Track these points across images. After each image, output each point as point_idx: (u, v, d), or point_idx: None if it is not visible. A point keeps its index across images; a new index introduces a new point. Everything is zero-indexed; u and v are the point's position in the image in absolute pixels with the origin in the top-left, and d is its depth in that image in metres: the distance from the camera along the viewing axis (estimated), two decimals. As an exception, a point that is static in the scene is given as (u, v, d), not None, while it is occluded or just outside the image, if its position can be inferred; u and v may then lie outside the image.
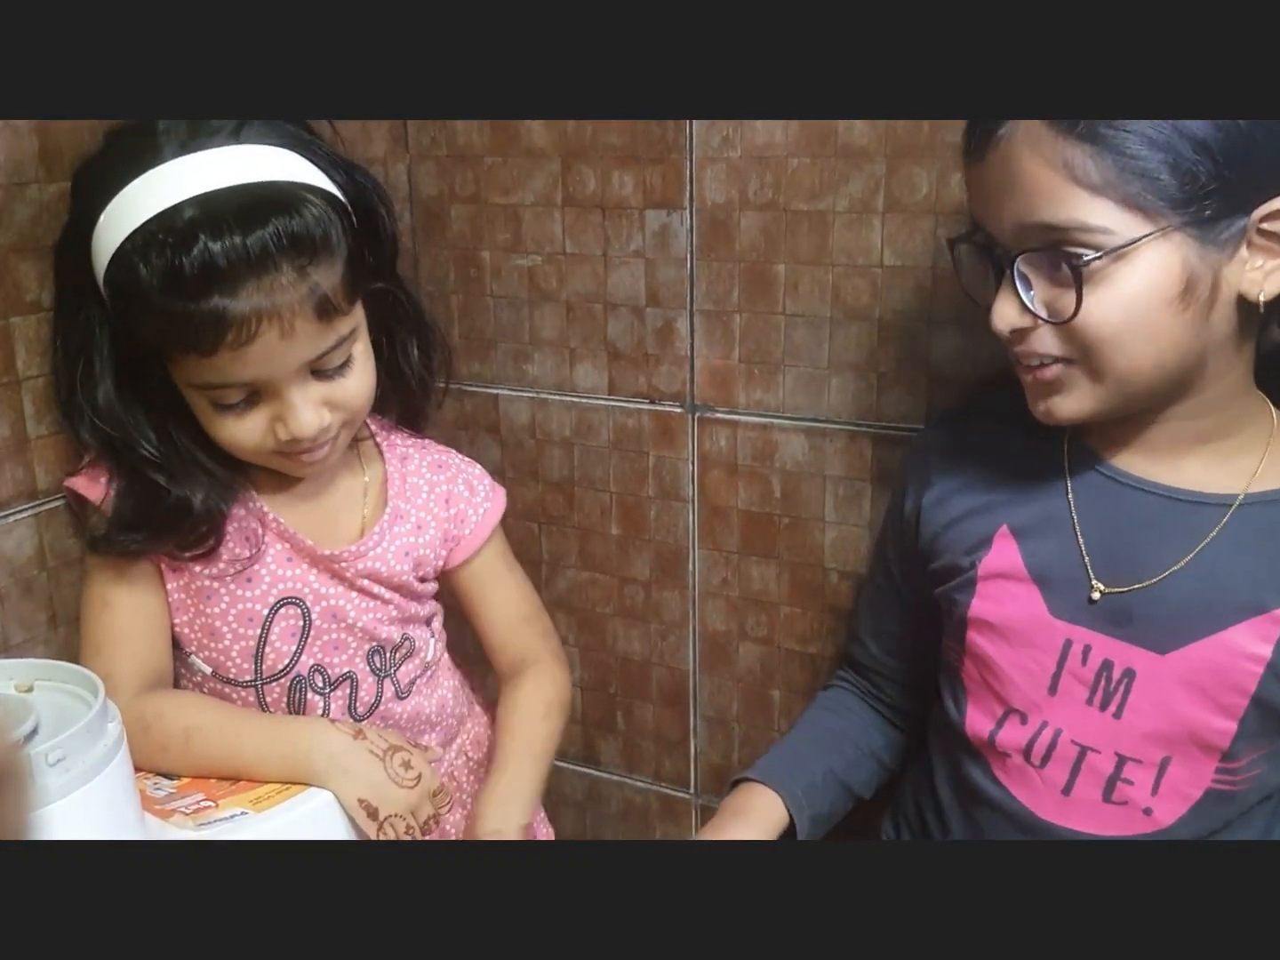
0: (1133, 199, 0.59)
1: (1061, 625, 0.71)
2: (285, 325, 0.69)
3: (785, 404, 0.93)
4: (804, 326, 0.91)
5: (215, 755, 0.75)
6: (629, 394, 0.99)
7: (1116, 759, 0.70)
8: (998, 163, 0.63)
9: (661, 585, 1.03)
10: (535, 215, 0.98)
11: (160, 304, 0.68)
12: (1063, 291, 0.63)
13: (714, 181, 0.90)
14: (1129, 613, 0.69)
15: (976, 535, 0.74)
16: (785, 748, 0.86)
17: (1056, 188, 0.60)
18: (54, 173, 0.77)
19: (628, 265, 0.96)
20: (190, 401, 0.75)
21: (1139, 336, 0.62)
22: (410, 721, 0.87)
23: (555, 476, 1.05)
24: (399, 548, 0.84)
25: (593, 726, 1.11)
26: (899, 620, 0.85)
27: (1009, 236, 0.64)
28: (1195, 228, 0.60)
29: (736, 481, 0.97)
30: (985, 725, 0.74)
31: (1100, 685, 0.70)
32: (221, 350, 0.68)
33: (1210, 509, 0.68)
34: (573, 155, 0.95)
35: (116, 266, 0.70)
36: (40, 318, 0.78)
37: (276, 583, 0.80)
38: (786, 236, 0.89)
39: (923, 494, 0.78)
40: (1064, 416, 0.67)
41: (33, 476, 0.79)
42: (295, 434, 0.73)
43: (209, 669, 0.81)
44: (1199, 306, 0.62)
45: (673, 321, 0.96)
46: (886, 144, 0.83)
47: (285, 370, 0.72)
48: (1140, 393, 0.66)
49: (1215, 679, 0.67)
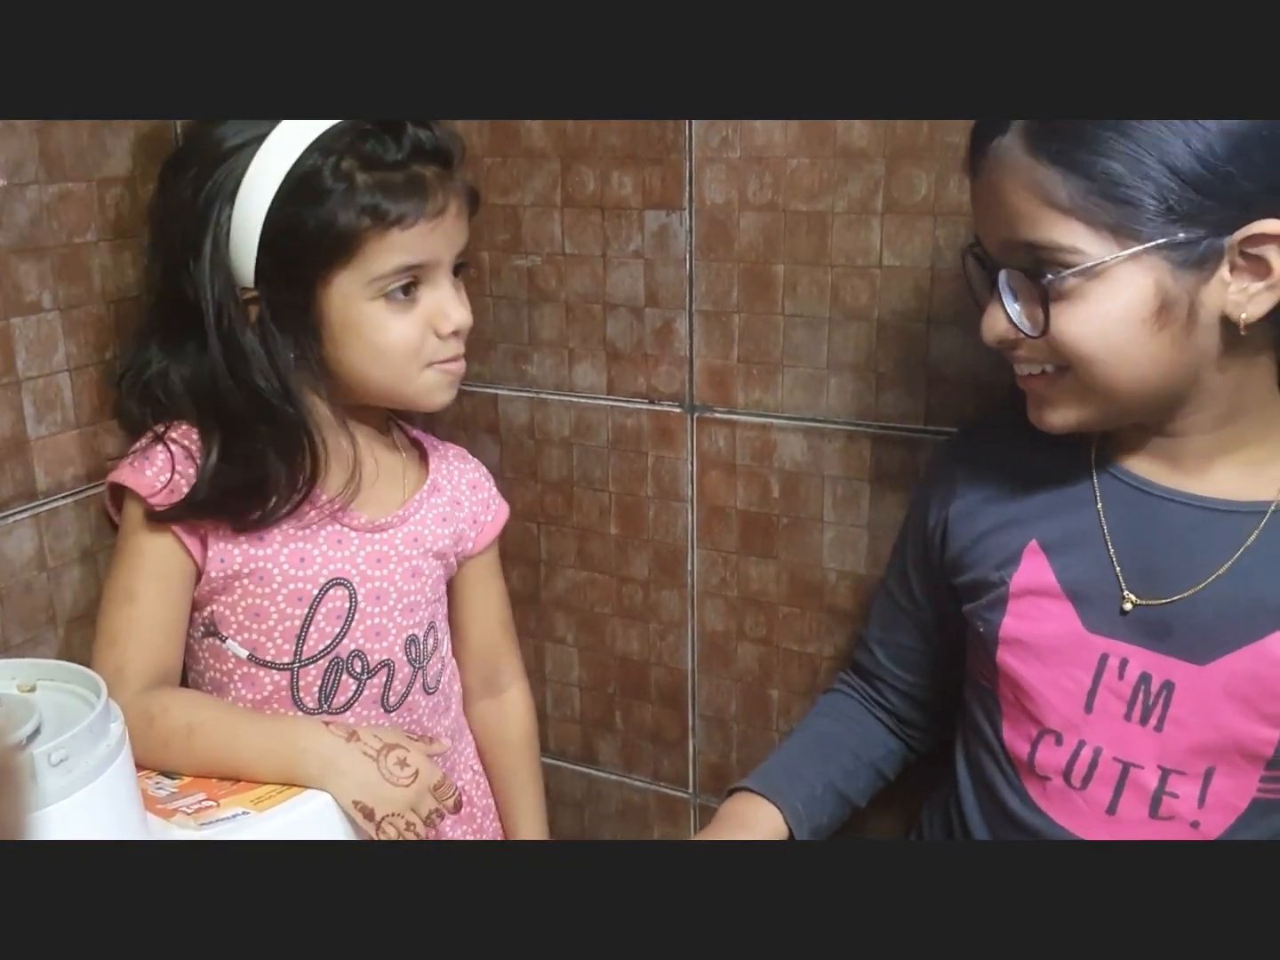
0: (1104, 222, 0.60)
1: (1098, 640, 0.70)
2: (458, 206, 0.82)
3: (784, 404, 0.93)
4: (803, 327, 0.91)
5: (215, 753, 0.76)
6: (628, 394, 0.99)
7: (1160, 773, 0.69)
8: (985, 182, 0.65)
9: (660, 585, 1.03)
10: (534, 215, 0.98)
11: (372, 183, 0.76)
12: (1031, 303, 0.65)
13: (713, 182, 0.90)
14: (1168, 625, 0.68)
15: (1005, 550, 0.73)
16: (784, 757, 0.85)
17: (1032, 209, 0.62)
18: (53, 173, 0.77)
19: (627, 265, 0.96)
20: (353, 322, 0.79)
21: (1114, 353, 0.63)
22: (430, 715, 0.89)
23: (554, 476, 1.05)
24: (437, 515, 0.89)
25: (591, 726, 1.11)
26: (912, 633, 0.84)
27: (996, 251, 0.66)
28: (1169, 250, 0.60)
29: (735, 481, 0.97)
30: (1022, 748, 0.73)
31: (1139, 699, 0.69)
32: (421, 222, 0.77)
33: (1243, 516, 0.67)
34: (572, 156, 0.95)
35: (297, 185, 0.75)
36: (40, 318, 0.78)
37: (328, 563, 0.82)
38: (785, 237, 0.89)
39: (949, 506, 0.77)
40: (1055, 425, 0.68)
41: (32, 477, 0.79)
42: (459, 322, 0.82)
43: (245, 652, 0.81)
44: (1176, 327, 0.62)
45: (672, 322, 0.96)
46: (885, 145, 0.83)
47: (453, 251, 0.82)
48: (1129, 407, 0.66)
49: (1257, 687, 0.66)
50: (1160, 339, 0.63)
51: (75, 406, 0.81)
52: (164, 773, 0.76)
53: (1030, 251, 0.63)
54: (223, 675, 0.83)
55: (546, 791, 1.12)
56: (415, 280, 0.80)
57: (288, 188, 0.76)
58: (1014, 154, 0.62)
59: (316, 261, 0.76)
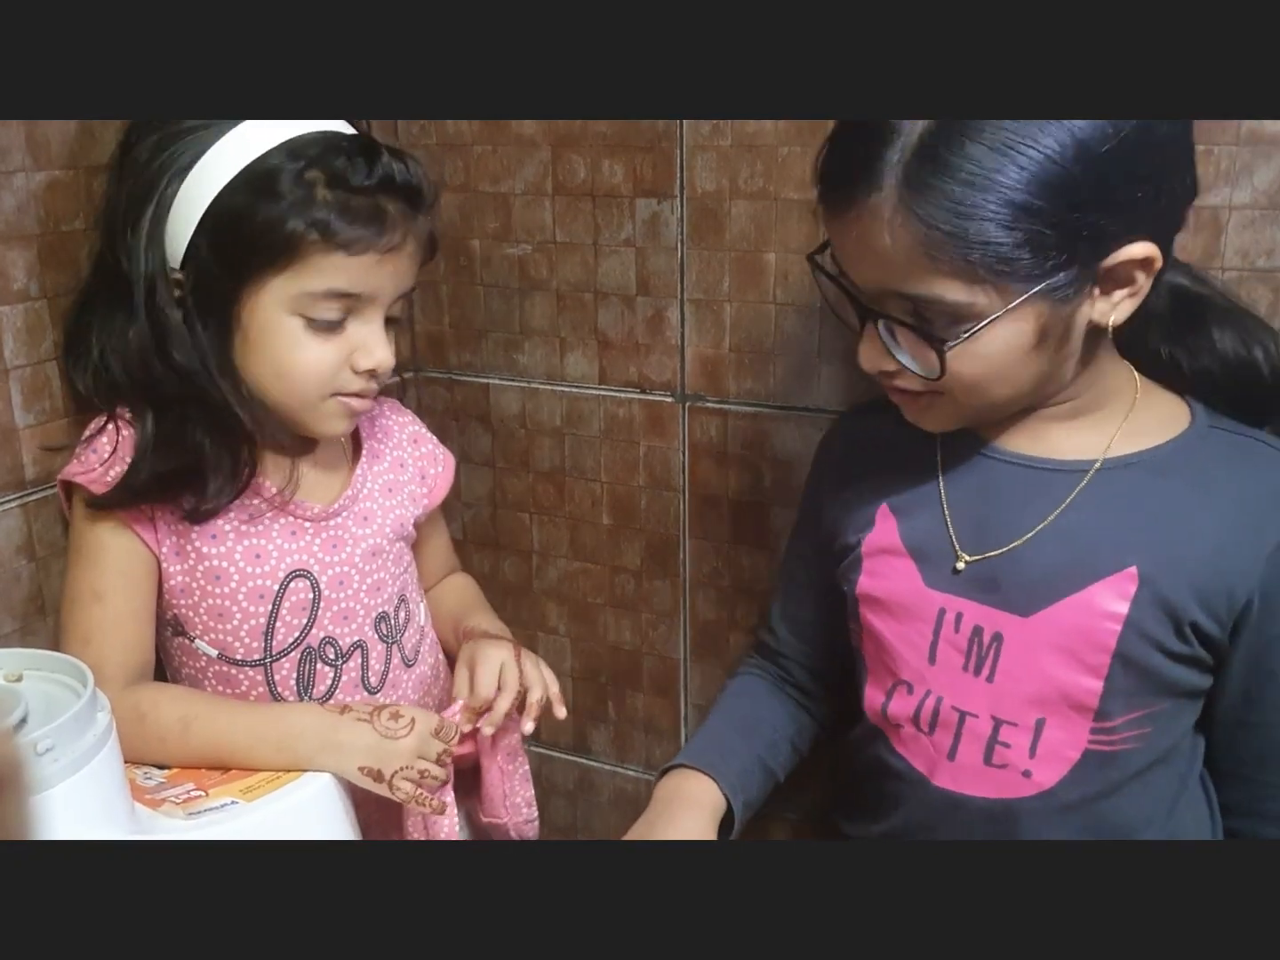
0: (987, 278, 0.61)
1: (935, 595, 0.74)
2: (414, 249, 0.78)
3: (776, 393, 0.93)
4: (794, 315, 0.91)
5: (212, 744, 0.75)
6: (620, 383, 0.99)
7: (993, 722, 0.72)
8: (854, 230, 0.64)
9: (652, 574, 1.03)
10: (525, 204, 0.98)
11: (332, 198, 0.72)
12: (925, 348, 0.65)
13: (704, 170, 0.90)
14: (995, 579, 0.71)
15: (863, 515, 0.78)
16: (711, 735, 0.87)
17: (913, 267, 0.62)
18: (40, 161, 0.77)
19: (618, 254, 0.96)
20: (270, 328, 0.75)
21: (997, 381, 0.66)
22: (417, 688, 0.89)
23: (546, 466, 1.05)
24: (383, 485, 0.87)
25: (584, 716, 1.11)
26: (809, 605, 0.87)
27: (869, 294, 0.66)
28: (1047, 291, 0.62)
29: (727, 470, 0.97)
30: (878, 699, 0.77)
31: (973, 651, 0.72)
32: (372, 251, 0.74)
33: (1068, 475, 0.71)
34: (563, 144, 0.94)
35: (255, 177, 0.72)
36: (28, 306, 0.78)
37: (285, 556, 0.81)
38: (777, 225, 0.89)
39: (827, 480, 0.83)
40: (935, 429, 0.73)
41: (20, 466, 0.79)
42: (378, 362, 0.77)
43: (215, 652, 0.81)
44: (1053, 345, 0.65)
45: (663, 310, 0.95)
46: (877, 132, 0.83)
47: (394, 291, 0.78)
48: (1003, 411, 0.71)
49: (1079, 638, 0.69)
50: (1038, 360, 0.66)
51: (64, 395, 0.81)
52: (157, 764, 0.76)
53: (910, 301, 0.64)
54: (197, 673, 0.82)
55: (539, 780, 1.12)
56: (347, 310, 0.76)
57: (244, 178, 0.73)
58: (891, 212, 0.61)
59: (252, 258, 0.73)
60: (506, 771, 0.85)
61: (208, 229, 0.74)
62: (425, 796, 0.76)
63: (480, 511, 1.10)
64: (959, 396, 0.67)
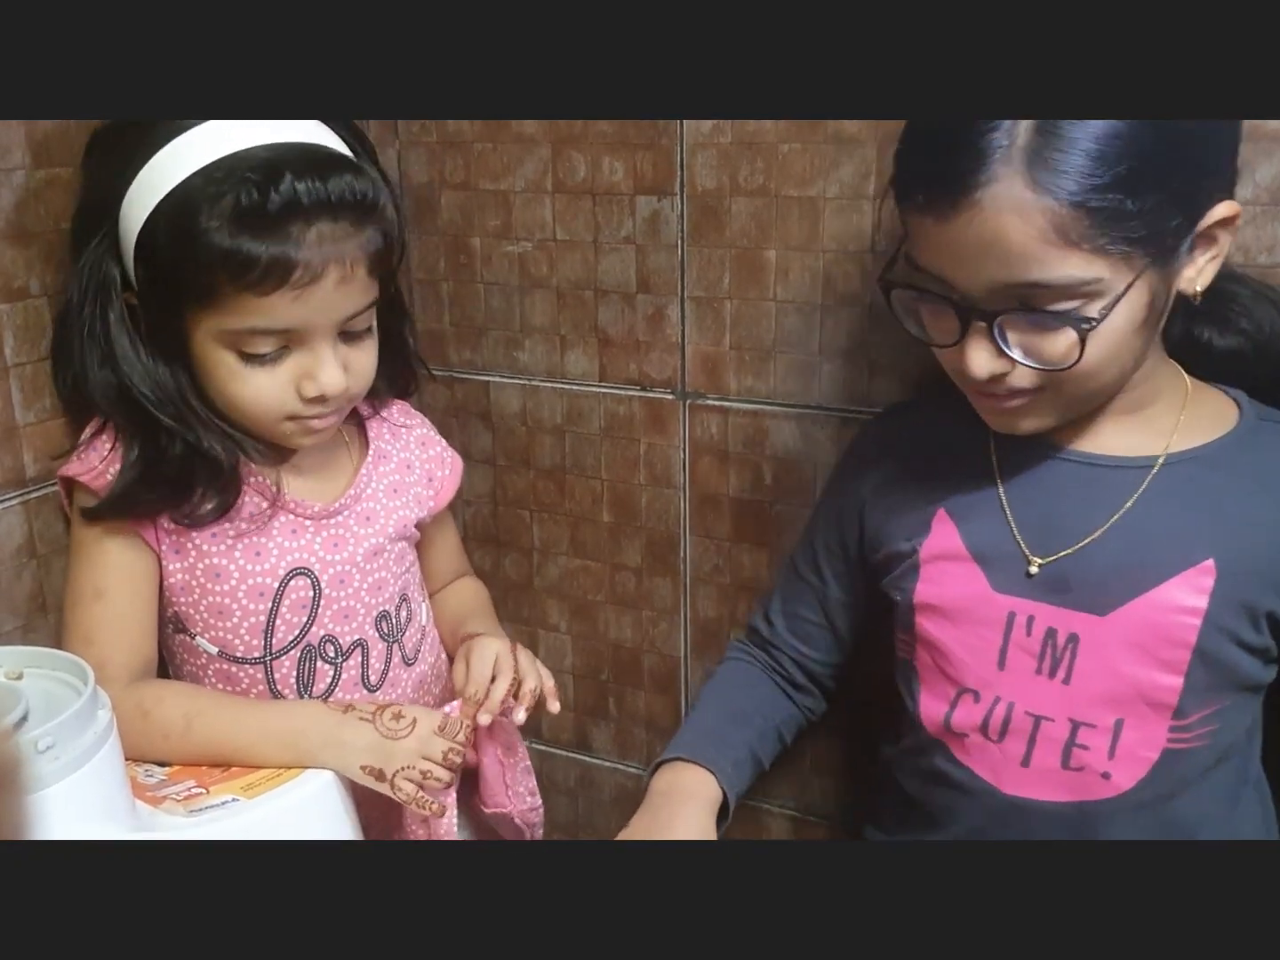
0: (1116, 250, 0.61)
1: (1003, 599, 0.73)
2: (345, 272, 0.72)
3: (776, 390, 0.93)
4: (795, 313, 0.91)
5: (216, 740, 0.76)
6: (620, 381, 0.99)
7: (1070, 725, 0.71)
8: (973, 226, 0.61)
9: (653, 572, 1.03)
10: (525, 201, 0.97)
11: (229, 239, 0.68)
12: (1042, 336, 0.64)
13: (705, 167, 0.90)
14: (1066, 579, 0.71)
15: (916, 521, 0.76)
16: (704, 724, 0.86)
17: (1046, 249, 0.60)
18: (40, 159, 0.77)
19: (618, 251, 0.95)
20: (210, 360, 0.74)
21: (1115, 363, 0.65)
22: (417, 687, 0.89)
23: (546, 464, 1.05)
24: (388, 485, 0.87)
25: (585, 713, 1.11)
26: (814, 609, 0.87)
27: (983, 294, 0.64)
28: (1160, 259, 0.63)
29: (728, 468, 0.97)
30: (940, 709, 0.75)
31: (1047, 653, 0.71)
32: (283, 289, 0.70)
33: (1133, 471, 0.70)
34: (563, 142, 0.94)
35: (171, 208, 0.70)
36: (28, 304, 0.78)
37: (285, 554, 0.80)
38: (777, 222, 0.89)
39: (865, 486, 0.81)
40: (1030, 431, 0.70)
41: (21, 464, 0.79)
42: (324, 388, 0.74)
43: (215, 649, 0.81)
44: (1154, 319, 0.66)
45: (664, 308, 0.95)
46: (877, 129, 0.83)
47: (331, 319, 0.73)
48: (1097, 400, 0.69)
49: (1156, 635, 0.68)
50: (1143, 335, 0.66)
51: (64, 393, 0.81)
52: (160, 761, 0.76)
53: (1038, 290, 0.62)
54: (198, 670, 0.83)
55: (540, 778, 1.12)
56: (282, 343, 0.73)
57: (163, 209, 0.70)
58: (1014, 195, 0.60)
59: (177, 294, 0.72)
60: (507, 764, 0.85)
61: (139, 257, 0.73)
62: (425, 799, 0.76)
63: (481, 509, 1.10)
64: (1070, 388, 0.66)
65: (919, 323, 0.70)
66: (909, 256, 0.67)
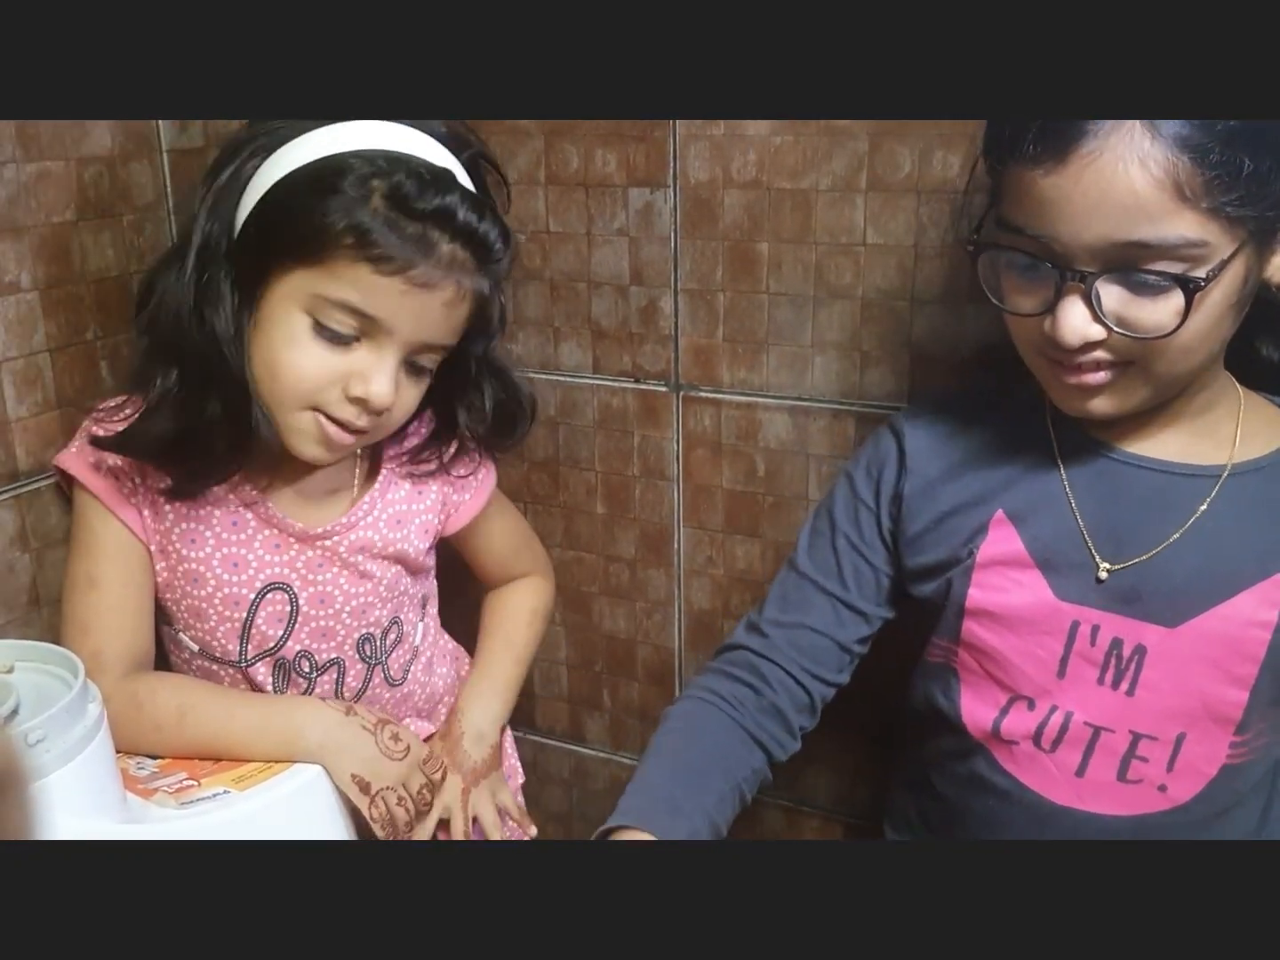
0: (1225, 212, 0.58)
1: (1068, 607, 0.70)
2: (453, 299, 0.74)
3: (769, 383, 0.93)
4: (787, 305, 0.91)
5: (209, 733, 0.76)
6: (613, 373, 0.99)
7: (1131, 737, 0.69)
8: (1086, 175, 0.58)
9: (647, 564, 1.03)
10: (519, 193, 0.97)
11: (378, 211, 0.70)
12: (1140, 300, 0.60)
13: (697, 159, 0.90)
14: (1136, 589, 0.69)
15: (972, 524, 0.73)
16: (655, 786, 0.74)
17: (1162, 204, 0.57)
18: (30, 152, 0.77)
19: (611, 244, 0.95)
20: (277, 318, 0.73)
21: (1205, 340, 0.63)
22: (399, 705, 0.88)
23: (541, 455, 1.05)
24: (390, 517, 0.84)
25: (579, 704, 1.12)
26: (825, 617, 0.80)
27: (1085, 253, 0.60)
28: (1260, 234, 0.60)
29: (721, 460, 0.97)
30: (987, 715, 0.73)
31: (1111, 664, 0.69)
32: (399, 277, 0.71)
33: (1203, 480, 0.68)
34: (555, 133, 0.94)
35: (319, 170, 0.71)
36: (19, 298, 0.78)
37: (264, 568, 0.80)
38: (770, 215, 0.89)
39: (900, 484, 0.77)
40: (1104, 414, 0.66)
41: (14, 458, 0.79)
42: (371, 395, 0.73)
43: (196, 647, 0.81)
44: (1241, 303, 0.63)
45: (657, 300, 0.95)
46: (869, 122, 0.83)
47: (416, 332, 0.74)
48: (1180, 389, 0.66)
49: (1227, 648, 0.67)
50: (1231, 318, 0.63)
51: (56, 387, 0.81)
52: (154, 754, 0.76)
53: (1141, 250, 0.59)
54: (183, 664, 0.83)
55: (534, 769, 1.13)
56: (360, 331, 0.73)
57: (313, 168, 0.71)
58: (1137, 140, 0.57)
59: (285, 243, 0.72)
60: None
61: (263, 205, 0.72)
62: (390, 824, 0.77)
63: (475, 501, 1.10)
64: (1160, 365, 0.63)
65: (1000, 294, 0.66)
66: (1002, 219, 0.64)
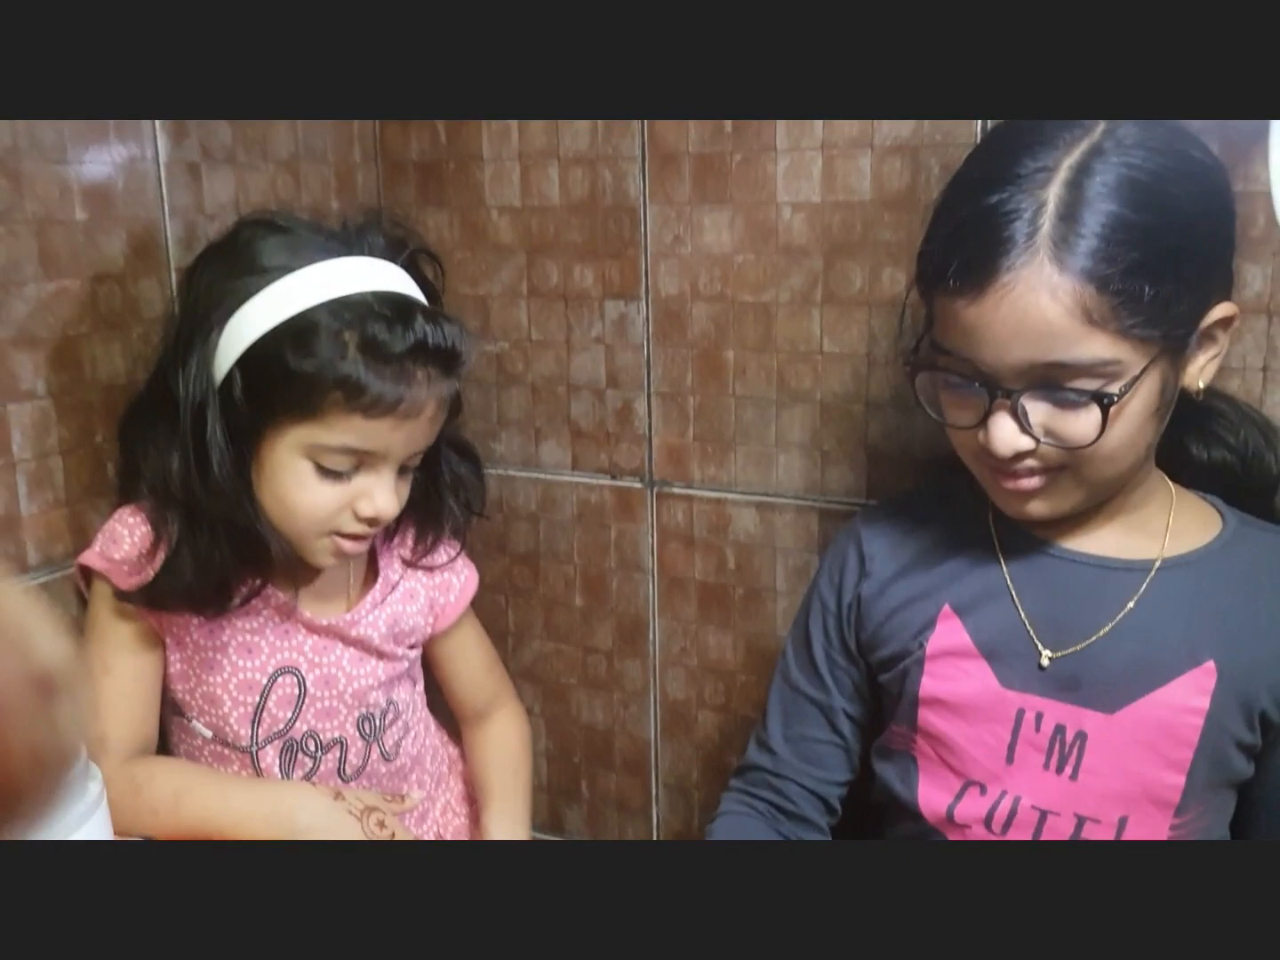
0: (1134, 332, 0.63)
1: (1013, 695, 0.73)
2: (434, 413, 0.80)
3: (737, 479, 0.99)
4: (752, 408, 0.97)
5: (203, 816, 0.79)
6: (591, 470, 1.05)
7: (1076, 820, 0.72)
8: (1004, 306, 0.63)
9: (623, 655, 1.07)
10: (502, 305, 1.04)
11: (356, 366, 0.74)
12: (1063, 414, 0.65)
13: (667, 275, 0.97)
14: (1076, 677, 0.72)
15: (921, 619, 0.77)
16: None
17: (1074, 329, 0.62)
18: (49, 271, 0.83)
19: (589, 350, 1.02)
20: (281, 465, 0.78)
21: (1129, 447, 0.67)
22: (391, 779, 0.92)
23: (522, 549, 1.09)
24: (389, 616, 0.90)
25: (558, 794, 1.14)
26: (820, 724, 0.83)
27: (1009, 373, 0.65)
28: (1172, 347, 0.65)
29: (693, 553, 1.02)
30: (942, 800, 0.76)
31: (1055, 749, 0.72)
32: (389, 418, 0.76)
33: (1135, 573, 0.73)
34: (536, 250, 1.01)
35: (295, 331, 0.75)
36: (34, 404, 0.83)
37: (275, 653, 0.85)
38: (734, 325, 0.95)
39: (859, 587, 0.81)
40: (1042, 516, 0.71)
41: (24, 552, 0.83)
42: (379, 510, 0.79)
43: (209, 733, 0.85)
44: (1163, 409, 0.68)
45: (631, 402, 1.01)
46: (823, 242, 0.90)
47: (408, 450, 0.80)
48: (1113, 490, 0.71)
49: (1162, 734, 0.70)
50: (1155, 424, 0.69)
51: (66, 486, 0.86)
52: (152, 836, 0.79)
53: (1062, 369, 0.64)
54: (194, 751, 0.87)
55: (515, 859, 1.14)
56: (358, 463, 0.78)
57: (286, 328, 0.76)
58: (1042, 276, 0.62)
59: (278, 404, 0.76)
60: None
61: (244, 368, 0.77)
62: None
63: (459, 594, 1.14)
64: (1088, 470, 0.68)
65: (939, 407, 0.71)
66: (935, 342, 0.69)
